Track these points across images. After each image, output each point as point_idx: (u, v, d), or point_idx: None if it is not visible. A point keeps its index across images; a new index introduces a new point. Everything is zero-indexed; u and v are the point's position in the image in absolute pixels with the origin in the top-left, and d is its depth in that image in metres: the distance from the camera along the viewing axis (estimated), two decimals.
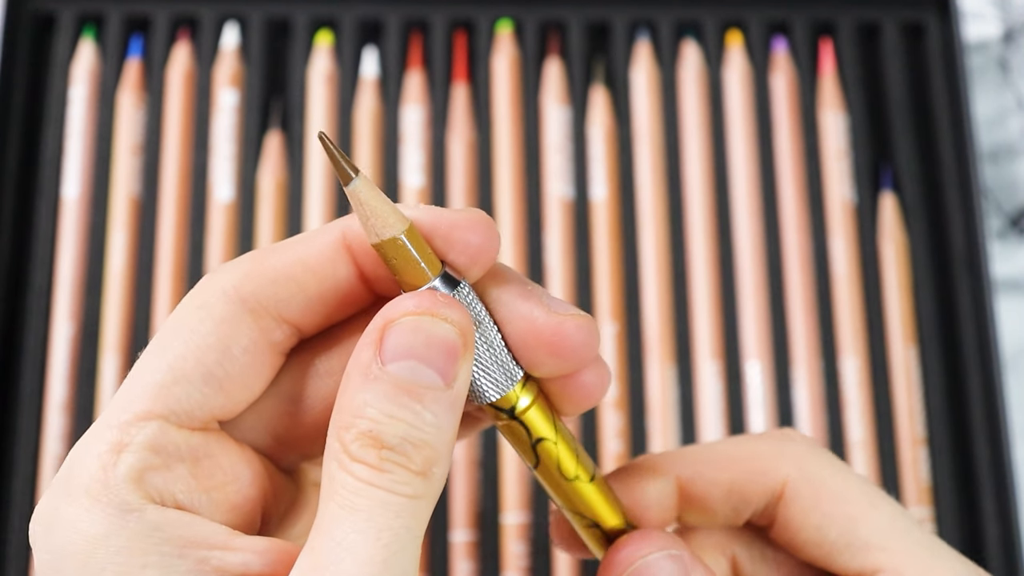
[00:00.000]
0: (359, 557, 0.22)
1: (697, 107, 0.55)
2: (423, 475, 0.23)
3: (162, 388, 0.25)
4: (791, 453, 0.30)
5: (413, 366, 0.23)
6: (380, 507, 0.23)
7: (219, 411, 0.26)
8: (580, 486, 0.28)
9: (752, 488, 0.30)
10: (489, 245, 0.26)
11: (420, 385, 0.23)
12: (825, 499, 0.29)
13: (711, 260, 0.52)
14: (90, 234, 0.52)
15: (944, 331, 0.52)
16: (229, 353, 0.25)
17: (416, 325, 0.24)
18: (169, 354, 0.25)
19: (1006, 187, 0.57)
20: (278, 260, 0.26)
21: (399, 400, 0.23)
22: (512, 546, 0.48)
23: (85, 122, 0.54)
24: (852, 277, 0.52)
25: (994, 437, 0.49)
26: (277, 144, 0.54)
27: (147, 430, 0.24)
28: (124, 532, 0.23)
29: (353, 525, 0.23)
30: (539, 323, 0.26)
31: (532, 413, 0.27)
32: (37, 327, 0.51)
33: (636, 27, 0.56)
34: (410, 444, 0.23)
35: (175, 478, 0.25)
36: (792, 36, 0.56)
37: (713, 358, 0.51)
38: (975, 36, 0.59)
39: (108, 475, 0.24)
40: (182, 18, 0.55)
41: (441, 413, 0.24)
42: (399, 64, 0.55)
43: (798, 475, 0.30)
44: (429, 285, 0.25)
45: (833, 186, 0.54)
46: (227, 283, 0.26)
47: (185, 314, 0.26)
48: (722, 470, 0.30)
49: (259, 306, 0.26)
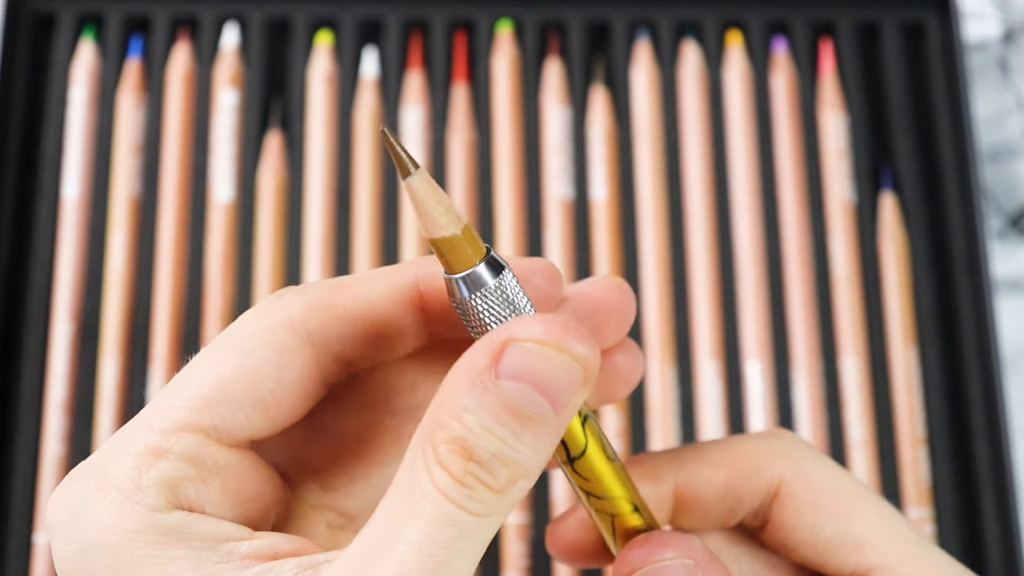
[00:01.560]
0: (405, 567, 0.22)
1: (697, 107, 0.55)
2: (501, 492, 0.23)
3: (210, 404, 0.25)
4: (784, 452, 0.30)
5: (527, 391, 0.22)
6: (445, 521, 0.22)
7: (257, 434, 0.26)
8: (618, 467, 0.28)
9: (747, 487, 0.30)
10: (627, 315, 0.27)
11: (529, 411, 0.23)
12: (819, 497, 0.29)
13: (711, 260, 0.52)
14: (90, 234, 0.52)
15: (944, 331, 0.52)
16: (282, 381, 0.25)
17: (542, 353, 0.23)
18: (224, 370, 0.25)
19: (1006, 187, 0.57)
20: (349, 297, 0.26)
21: (502, 418, 0.22)
22: (512, 546, 0.48)
23: (85, 122, 0.54)
24: (852, 277, 0.52)
25: (994, 437, 0.49)
26: (277, 144, 0.54)
27: (187, 441, 0.24)
28: (155, 528, 0.23)
29: (410, 532, 0.22)
30: (585, 289, 0.27)
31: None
32: (37, 327, 0.51)
33: (636, 27, 0.56)
34: (499, 461, 0.22)
35: (207, 491, 0.25)
36: (792, 36, 0.56)
37: (713, 358, 0.51)
38: (975, 36, 0.59)
39: (143, 476, 0.24)
40: (182, 18, 0.55)
41: (542, 438, 0.23)
42: (399, 64, 0.55)
43: (792, 474, 0.29)
44: (472, 269, 0.24)
45: (833, 186, 0.54)
46: (295, 312, 0.25)
47: (248, 333, 0.25)
48: (717, 470, 0.30)
49: (321, 342, 0.26)
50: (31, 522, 0.48)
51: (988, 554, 0.48)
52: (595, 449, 0.27)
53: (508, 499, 0.23)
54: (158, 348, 0.50)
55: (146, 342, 0.51)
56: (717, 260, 0.53)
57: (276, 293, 0.26)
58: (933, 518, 0.49)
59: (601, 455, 0.27)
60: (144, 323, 0.51)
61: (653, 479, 0.30)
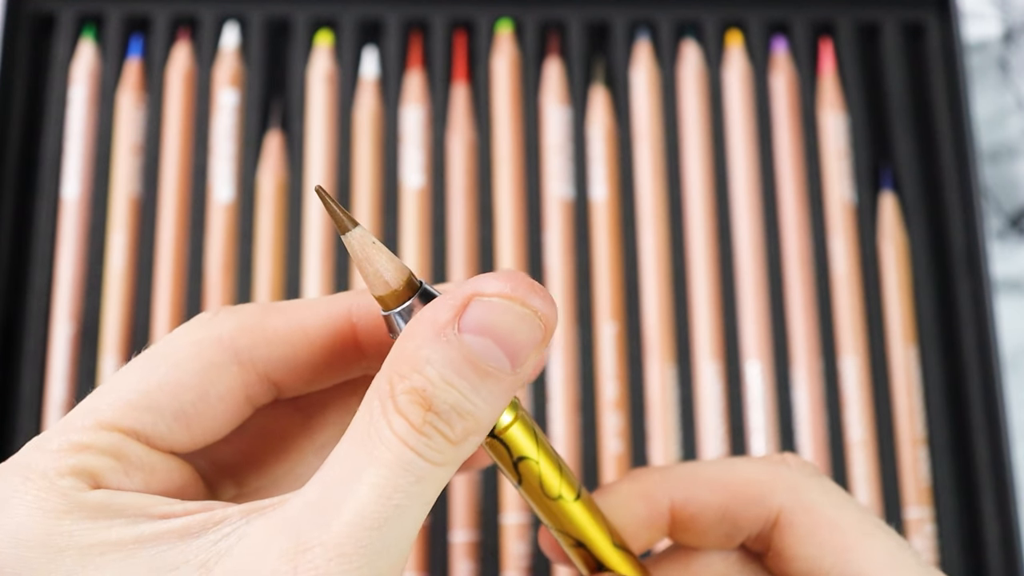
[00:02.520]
0: (364, 509, 0.22)
1: (697, 107, 0.55)
2: (456, 444, 0.23)
3: (134, 409, 0.25)
4: (786, 480, 0.30)
5: (488, 345, 0.23)
6: (404, 467, 0.23)
7: (178, 446, 0.26)
8: (564, 505, 0.28)
9: (745, 515, 0.29)
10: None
11: (488, 365, 0.23)
12: (820, 529, 0.29)
13: (711, 260, 0.52)
14: (90, 234, 0.52)
15: (944, 331, 0.52)
16: (206, 397, 0.26)
17: (506, 308, 0.23)
18: (151, 378, 0.25)
19: (1006, 187, 0.57)
20: (280, 322, 0.26)
21: (463, 371, 0.23)
22: (512, 546, 0.48)
23: (85, 122, 0.54)
24: (852, 277, 0.52)
25: (994, 437, 0.49)
26: (277, 144, 0.54)
27: (108, 439, 0.25)
28: (82, 507, 0.24)
29: (370, 476, 0.23)
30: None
31: (514, 431, 0.26)
32: (37, 327, 0.51)
33: (636, 27, 0.56)
34: (456, 414, 0.23)
35: (129, 482, 0.25)
36: (792, 36, 0.56)
37: (713, 358, 0.51)
38: (975, 36, 0.59)
39: (63, 463, 0.24)
40: (182, 18, 0.55)
41: (498, 393, 0.24)
42: (399, 64, 0.55)
43: (793, 503, 0.29)
44: (407, 303, 0.24)
45: (833, 186, 0.54)
46: (226, 330, 0.26)
47: (178, 345, 0.26)
48: (714, 494, 0.30)
49: (249, 361, 0.26)
50: None
51: (988, 554, 0.48)
52: (532, 486, 0.27)
53: (461, 452, 0.24)
54: None
55: (146, 342, 0.51)
56: (717, 260, 0.53)
57: (213, 310, 0.27)
58: (933, 518, 0.49)
59: (539, 493, 0.27)
60: (144, 323, 0.51)
61: (647, 499, 0.30)
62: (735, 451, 0.50)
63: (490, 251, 0.52)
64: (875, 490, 0.50)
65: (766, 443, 0.50)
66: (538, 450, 0.27)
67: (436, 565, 0.48)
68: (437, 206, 0.53)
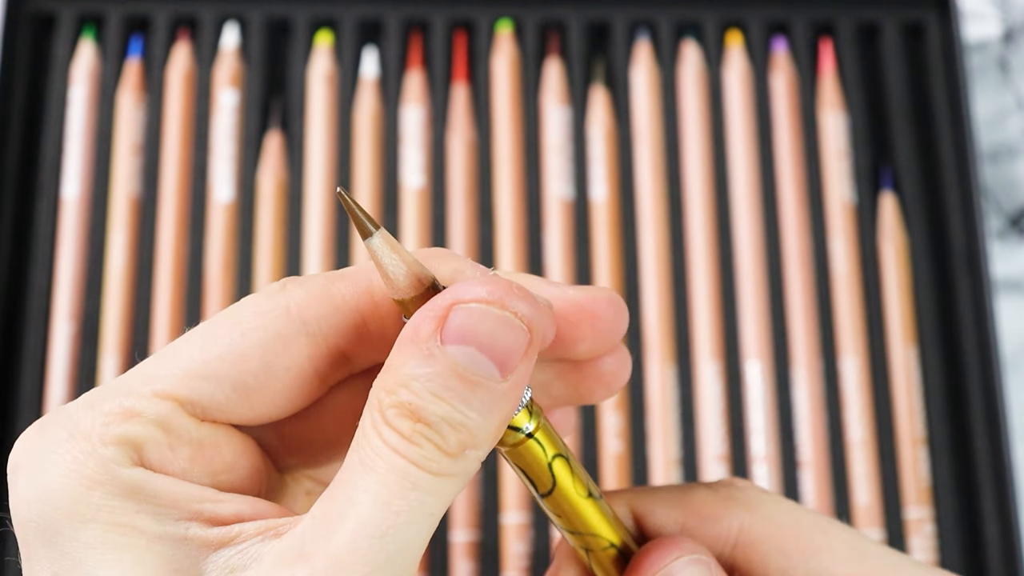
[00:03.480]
0: (363, 517, 0.22)
1: (697, 107, 0.55)
2: (454, 457, 0.23)
3: (191, 378, 0.24)
4: (741, 499, 0.30)
5: (472, 353, 0.22)
6: (398, 474, 0.22)
7: (237, 418, 0.25)
8: (597, 503, 0.28)
9: (704, 533, 0.29)
10: (616, 328, 0.26)
11: (476, 374, 0.23)
12: (784, 539, 0.29)
13: (711, 260, 0.52)
14: (90, 234, 0.52)
15: (944, 331, 0.52)
16: (271, 369, 0.25)
17: (485, 313, 0.23)
18: (213, 347, 0.25)
19: (1006, 187, 0.57)
20: (346, 288, 0.25)
21: (450, 384, 0.22)
22: (512, 546, 0.48)
23: (85, 122, 0.54)
24: (852, 277, 0.52)
25: (994, 437, 0.49)
26: (277, 144, 0.54)
27: (160, 408, 0.24)
28: (115, 482, 0.23)
29: (366, 484, 0.22)
30: (575, 298, 0.26)
31: (544, 430, 0.26)
32: (37, 327, 0.51)
33: (636, 27, 0.56)
34: (448, 425, 0.22)
35: (174, 457, 0.24)
36: (792, 36, 0.56)
37: (713, 358, 0.51)
38: (975, 36, 0.59)
39: (108, 431, 0.24)
40: (182, 18, 0.55)
41: (491, 403, 0.23)
42: (399, 64, 0.55)
43: (752, 520, 0.29)
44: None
45: (833, 186, 0.54)
46: (292, 301, 0.25)
47: (243, 316, 0.25)
48: (673, 510, 0.30)
49: (318, 332, 0.25)
50: None
51: (988, 554, 0.48)
52: (566, 487, 0.27)
53: (461, 464, 0.23)
54: (158, 348, 0.50)
55: (146, 342, 0.51)
56: (717, 260, 0.53)
57: (280, 282, 0.26)
58: (933, 518, 0.49)
59: (573, 493, 0.27)
60: (144, 323, 0.51)
61: (615, 504, 0.30)
62: (735, 451, 0.50)
63: (490, 251, 0.52)
64: (875, 490, 0.50)
65: (766, 443, 0.50)
66: (566, 447, 0.27)
67: (436, 565, 0.48)
68: (437, 206, 0.53)
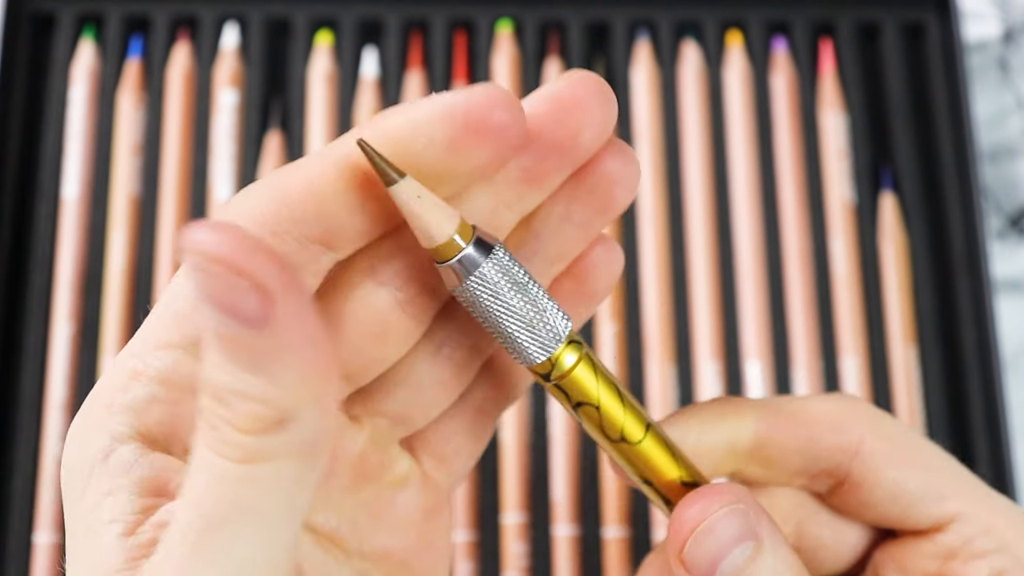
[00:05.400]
0: (179, 526, 0.21)
1: (697, 107, 0.55)
2: (253, 433, 0.20)
3: (186, 317, 0.24)
4: (862, 412, 0.30)
5: (213, 313, 0.20)
6: (204, 468, 0.20)
7: None
8: (626, 448, 0.28)
9: (826, 445, 0.30)
10: (603, 104, 0.23)
11: (226, 334, 0.20)
12: (900, 454, 0.30)
13: (711, 260, 0.52)
14: (90, 234, 0.52)
15: (944, 331, 0.52)
16: None
17: (198, 267, 0.19)
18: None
19: (1006, 187, 0.57)
20: (294, 181, 0.23)
21: (221, 348, 0.20)
22: (512, 546, 0.48)
23: (85, 122, 0.54)
24: (852, 277, 0.52)
25: (994, 437, 0.49)
26: (277, 144, 0.54)
27: (164, 359, 0.24)
28: (108, 459, 0.23)
29: (186, 486, 0.21)
30: (551, 94, 0.24)
31: (577, 373, 0.26)
32: (37, 327, 0.51)
33: (636, 27, 0.56)
34: (233, 395, 0.20)
35: (178, 412, 0.24)
36: (792, 36, 0.56)
37: (713, 358, 0.51)
38: (975, 36, 0.59)
39: (116, 401, 0.24)
40: (182, 18, 0.55)
41: (261, 362, 0.20)
42: (399, 64, 0.55)
43: (872, 433, 0.30)
44: (461, 255, 0.23)
45: (833, 186, 0.54)
46: (244, 211, 0.23)
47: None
48: (798, 426, 0.30)
49: (280, 229, 0.23)
50: (31, 522, 0.48)
51: None
52: (590, 430, 0.27)
53: (274, 444, 0.20)
54: None
55: None
56: (717, 260, 0.53)
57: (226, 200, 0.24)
58: None
59: (598, 435, 0.27)
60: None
61: (732, 427, 0.30)
62: None
63: None
64: None
65: None
66: (601, 389, 0.26)
67: None
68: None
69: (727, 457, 0.30)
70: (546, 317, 0.25)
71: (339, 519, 0.26)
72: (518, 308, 0.24)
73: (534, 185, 0.25)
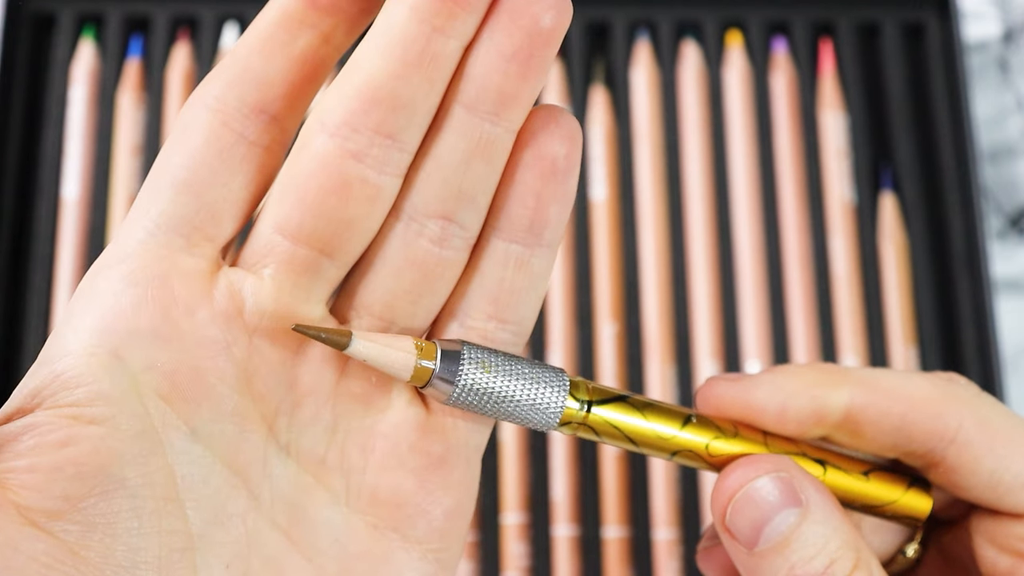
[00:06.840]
0: None
1: (697, 107, 0.55)
2: None
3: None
4: (962, 397, 0.30)
5: None
6: None
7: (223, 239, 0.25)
8: (663, 449, 0.28)
9: (921, 427, 0.30)
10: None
11: None
12: (999, 443, 0.30)
13: (711, 260, 0.52)
14: (90, 234, 0.52)
15: (944, 331, 0.52)
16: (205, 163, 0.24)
17: None
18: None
19: (1006, 187, 0.57)
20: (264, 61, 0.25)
21: None
22: (512, 546, 0.48)
23: (85, 122, 0.54)
24: (852, 277, 0.52)
25: None
26: None
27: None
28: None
29: None
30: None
31: (593, 416, 0.26)
32: (37, 327, 0.51)
33: (636, 27, 0.56)
34: None
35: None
36: (792, 36, 0.56)
37: (713, 358, 0.51)
38: (975, 36, 0.59)
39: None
40: (182, 18, 0.55)
41: None
42: None
43: (971, 421, 0.30)
44: (434, 376, 0.24)
45: (833, 186, 0.54)
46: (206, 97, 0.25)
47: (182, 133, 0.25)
48: (896, 403, 0.30)
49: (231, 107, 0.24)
50: None
51: None
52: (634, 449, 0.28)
53: None
54: None
55: None
56: (717, 260, 0.53)
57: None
58: None
59: (641, 449, 0.27)
60: None
61: (824, 394, 0.29)
62: None
63: None
64: None
65: None
66: (629, 414, 0.27)
67: None
68: None
69: (815, 423, 0.30)
70: (540, 387, 0.25)
71: (327, 446, 0.26)
72: (513, 392, 0.25)
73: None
